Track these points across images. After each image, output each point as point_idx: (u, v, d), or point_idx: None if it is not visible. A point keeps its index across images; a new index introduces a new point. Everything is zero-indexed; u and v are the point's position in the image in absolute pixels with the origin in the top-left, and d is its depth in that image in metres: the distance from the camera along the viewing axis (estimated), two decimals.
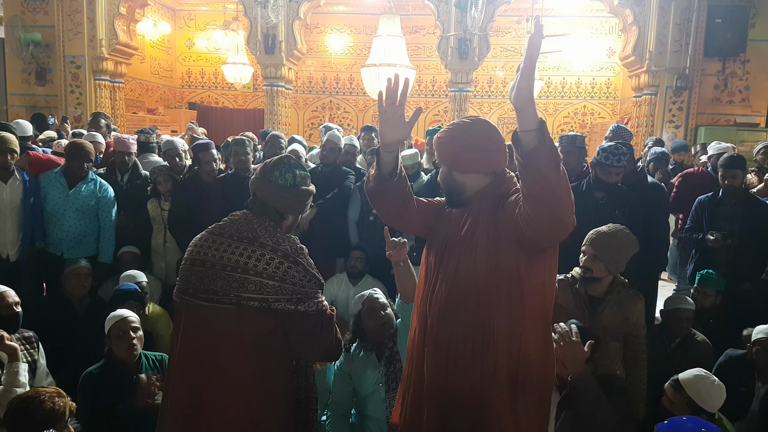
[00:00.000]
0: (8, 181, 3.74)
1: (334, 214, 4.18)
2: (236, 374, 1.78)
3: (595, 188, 3.28)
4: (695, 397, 2.31)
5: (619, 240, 2.56)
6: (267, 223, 1.86)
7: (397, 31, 6.68)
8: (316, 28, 11.85)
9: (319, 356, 2.02)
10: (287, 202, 1.89)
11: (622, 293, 2.62)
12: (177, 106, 12.30)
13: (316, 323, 1.84)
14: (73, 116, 8.44)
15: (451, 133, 1.74)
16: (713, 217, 3.82)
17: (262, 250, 1.78)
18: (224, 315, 1.76)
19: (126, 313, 2.67)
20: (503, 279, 1.60)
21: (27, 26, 8.35)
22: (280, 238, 1.83)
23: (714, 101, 8.13)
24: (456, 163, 1.73)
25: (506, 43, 11.63)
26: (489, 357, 1.62)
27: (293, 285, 1.78)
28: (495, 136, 1.72)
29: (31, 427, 1.79)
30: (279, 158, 1.95)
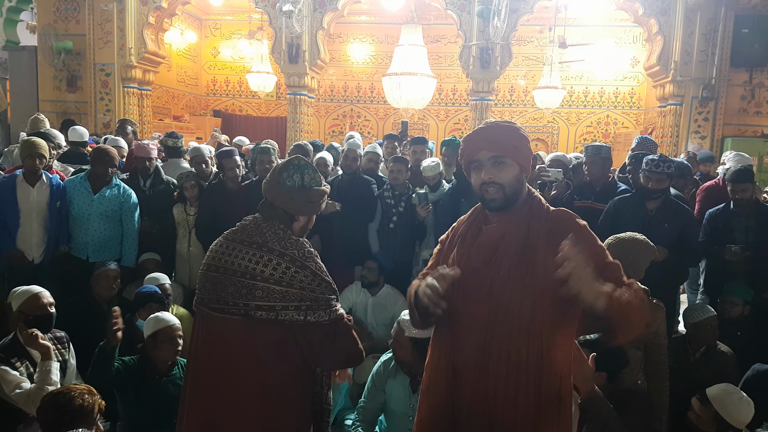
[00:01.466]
0: (36, 185, 3.85)
1: (355, 222, 4.21)
2: (251, 384, 1.78)
3: (645, 198, 3.36)
4: (723, 412, 2.28)
5: (636, 245, 2.60)
6: (276, 226, 1.85)
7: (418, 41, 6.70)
8: (339, 38, 11.97)
9: (334, 366, 2.01)
10: (296, 203, 1.88)
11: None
12: (202, 113, 12.51)
13: (328, 333, 1.81)
14: (102, 123, 8.65)
15: (497, 123, 1.68)
16: (727, 229, 3.79)
17: (270, 255, 1.77)
18: (233, 326, 1.77)
19: (173, 320, 2.74)
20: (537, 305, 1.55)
21: (59, 35, 8.59)
22: (289, 242, 1.82)
23: (741, 112, 7.98)
24: (526, 161, 1.64)
25: (528, 52, 11.60)
26: (532, 381, 1.57)
27: (301, 290, 1.76)
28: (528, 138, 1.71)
29: (62, 422, 1.84)
30: (288, 160, 1.95)
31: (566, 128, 11.90)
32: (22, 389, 2.53)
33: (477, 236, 1.69)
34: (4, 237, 3.79)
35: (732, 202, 3.84)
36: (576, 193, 3.84)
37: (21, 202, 3.81)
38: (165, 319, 2.72)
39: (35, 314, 2.75)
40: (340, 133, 12.28)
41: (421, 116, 11.78)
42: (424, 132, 11.76)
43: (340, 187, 4.29)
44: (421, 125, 11.94)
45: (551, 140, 11.92)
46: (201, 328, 1.88)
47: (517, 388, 1.57)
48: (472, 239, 1.69)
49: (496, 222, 1.66)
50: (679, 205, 3.43)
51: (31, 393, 2.50)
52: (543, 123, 11.83)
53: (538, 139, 11.87)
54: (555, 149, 11.35)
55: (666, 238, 3.27)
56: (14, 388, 2.53)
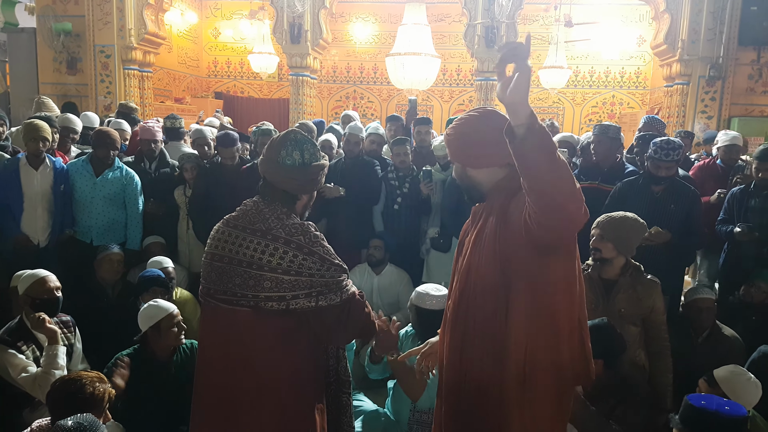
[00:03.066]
0: (39, 169, 3.82)
1: (360, 205, 4.19)
2: (265, 373, 1.75)
3: (652, 182, 3.32)
4: (730, 393, 2.27)
5: (625, 221, 2.64)
6: (279, 210, 1.77)
7: (422, 20, 6.59)
8: (341, 17, 11.81)
9: (348, 341, 2.02)
10: (299, 182, 1.78)
11: (635, 276, 2.67)
12: (203, 95, 12.41)
13: (341, 311, 1.78)
14: (103, 105, 8.59)
15: (458, 129, 1.65)
16: (744, 209, 3.75)
17: (275, 243, 1.70)
18: (243, 317, 1.73)
19: (171, 307, 2.71)
20: (508, 275, 1.54)
21: (58, 16, 8.48)
22: (293, 227, 1.74)
23: (748, 91, 7.87)
24: (467, 159, 1.66)
25: (534, 31, 11.42)
26: (498, 353, 1.58)
27: (311, 277, 1.71)
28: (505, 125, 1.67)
29: (71, 409, 1.84)
30: (284, 135, 1.82)
31: (572, 108, 11.79)
32: (29, 373, 2.54)
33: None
34: (9, 221, 3.78)
35: (753, 182, 3.78)
36: (583, 174, 3.80)
37: (25, 185, 3.79)
38: (162, 307, 2.67)
39: (41, 298, 2.75)
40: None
41: (425, 97, 11.66)
42: (429, 113, 11.66)
43: (343, 170, 4.26)
44: (426, 106, 11.83)
45: (557, 120, 11.80)
46: (210, 318, 1.83)
47: (482, 355, 1.61)
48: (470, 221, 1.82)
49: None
50: (685, 186, 3.41)
51: (38, 377, 2.50)
52: (548, 103, 11.72)
53: (543, 120, 11.76)
54: (561, 130, 11.26)
55: (672, 219, 3.28)
56: (21, 371, 2.54)
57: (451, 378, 1.71)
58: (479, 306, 1.62)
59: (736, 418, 1.77)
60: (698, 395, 1.88)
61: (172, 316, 2.66)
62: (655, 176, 3.29)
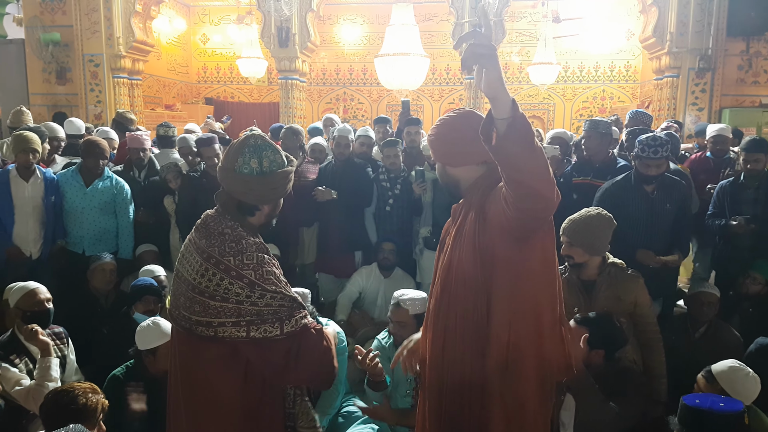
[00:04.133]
0: (30, 180, 3.81)
1: (352, 207, 4.18)
2: (204, 399, 1.66)
3: (643, 181, 3.22)
4: (729, 389, 2.26)
5: (589, 222, 2.57)
6: (224, 224, 1.64)
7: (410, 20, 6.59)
8: (329, 20, 11.81)
9: (301, 382, 1.75)
10: (256, 193, 1.63)
11: (614, 274, 2.62)
12: (194, 101, 12.39)
13: (289, 347, 1.60)
14: (93, 114, 8.56)
15: (439, 129, 1.72)
16: (735, 202, 3.74)
17: (207, 263, 1.59)
18: (182, 338, 1.66)
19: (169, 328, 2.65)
20: (489, 267, 1.58)
21: (46, 26, 8.45)
22: (229, 245, 1.60)
23: (738, 82, 7.91)
24: (447, 158, 1.73)
25: (522, 28, 11.46)
26: (478, 346, 1.61)
27: (238, 304, 1.56)
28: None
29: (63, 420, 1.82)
30: (242, 141, 1.66)
31: (562, 104, 11.81)
32: (22, 386, 2.53)
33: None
34: (0, 233, 3.76)
35: (742, 174, 3.77)
36: (575, 170, 3.80)
37: (16, 197, 3.78)
38: (163, 333, 2.54)
39: (32, 310, 2.74)
40: None
41: (416, 97, 11.67)
42: (419, 113, 11.67)
43: (334, 173, 4.25)
44: (416, 106, 11.84)
45: (547, 117, 11.84)
46: (173, 338, 1.79)
47: (464, 349, 1.63)
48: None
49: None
50: (673, 180, 3.35)
51: (31, 390, 2.49)
52: (539, 100, 11.74)
53: (534, 116, 11.79)
54: (551, 126, 11.29)
55: (670, 217, 3.24)
56: (14, 385, 2.53)
57: (434, 374, 1.73)
58: (460, 300, 1.64)
59: (731, 413, 1.78)
60: (693, 395, 1.88)
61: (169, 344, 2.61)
62: (645, 175, 3.18)
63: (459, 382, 1.66)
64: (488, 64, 1.31)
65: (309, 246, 4.46)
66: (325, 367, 1.70)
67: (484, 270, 1.59)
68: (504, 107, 1.32)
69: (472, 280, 1.61)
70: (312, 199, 4.10)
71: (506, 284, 1.58)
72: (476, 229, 1.60)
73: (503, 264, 1.57)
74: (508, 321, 1.59)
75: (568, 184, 3.70)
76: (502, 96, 1.32)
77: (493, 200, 1.55)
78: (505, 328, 1.59)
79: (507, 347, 1.59)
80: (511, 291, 1.58)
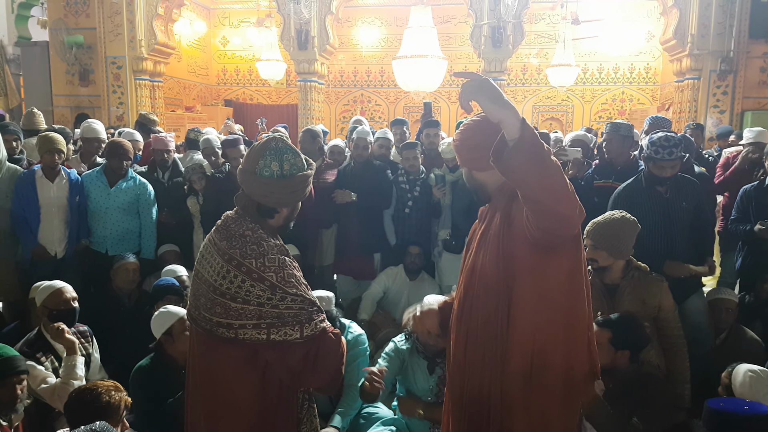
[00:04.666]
0: (55, 180, 3.88)
1: (372, 209, 4.19)
2: (223, 400, 1.67)
3: (656, 183, 3.12)
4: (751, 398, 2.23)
5: (614, 225, 2.57)
6: (245, 226, 1.65)
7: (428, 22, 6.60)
8: (347, 22, 11.86)
9: (318, 384, 1.75)
10: (276, 196, 1.64)
11: (638, 278, 2.62)
12: (213, 103, 12.52)
13: (307, 351, 1.61)
14: (116, 115, 8.70)
15: (463, 134, 1.72)
16: (760, 206, 3.68)
17: (229, 265, 1.59)
18: (202, 339, 1.68)
19: (181, 311, 2.70)
20: (512, 273, 1.58)
21: (70, 29, 8.62)
22: (251, 248, 1.61)
23: (760, 84, 7.78)
24: (473, 162, 1.73)
25: (540, 29, 11.39)
26: (499, 352, 1.60)
27: (259, 306, 1.57)
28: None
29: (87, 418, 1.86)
30: (263, 143, 1.67)
31: (581, 106, 11.72)
32: (48, 384, 2.57)
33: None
34: (26, 233, 3.84)
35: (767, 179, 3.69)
36: (597, 173, 3.78)
37: (41, 197, 3.85)
38: (173, 313, 2.67)
39: (58, 309, 2.79)
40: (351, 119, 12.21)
41: (433, 99, 11.65)
42: (436, 115, 11.65)
43: (353, 175, 4.27)
44: (433, 108, 11.83)
45: (566, 119, 11.75)
46: (191, 337, 1.81)
47: (483, 353, 1.62)
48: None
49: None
50: (686, 178, 3.22)
51: (57, 388, 2.53)
52: (557, 102, 11.66)
53: (552, 118, 11.72)
54: (570, 128, 11.20)
55: (686, 217, 3.17)
56: (40, 383, 2.57)
57: (457, 376, 1.74)
58: (482, 305, 1.65)
59: (757, 416, 1.78)
60: (718, 399, 1.89)
61: (183, 321, 2.65)
62: (659, 177, 3.06)
63: (478, 387, 1.66)
64: (478, 97, 1.34)
65: (327, 248, 4.48)
66: (337, 372, 1.71)
67: (507, 275, 1.58)
68: (512, 129, 1.34)
69: (494, 284, 1.61)
70: (331, 201, 4.12)
71: (530, 291, 1.57)
72: (501, 234, 1.61)
73: (527, 271, 1.56)
74: (532, 329, 1.57)
75: (590, 187, 3.67)
76: (508, 119, 1.33)
77: (518, 207, 1.54)
78: (529, 336, 1.57)
79: (531, 356, 1.58)
80: (535, 299, 1.57)
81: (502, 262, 1.59)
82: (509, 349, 1.59)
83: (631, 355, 2.34)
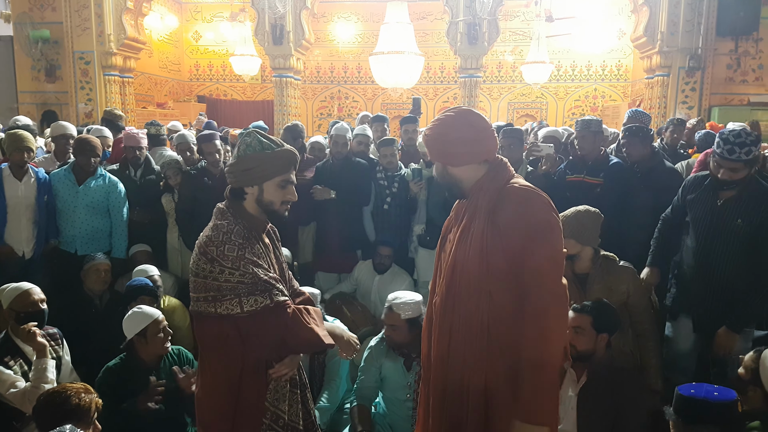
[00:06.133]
0: (23, 179, 3.77)
1: (351, 206, 4.17)
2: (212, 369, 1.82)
3: (717, 186, 2.66)
4: None
5: (578, 216, 2.69)
6: (218, 208, 1.85)
7: (404, 18, 6.60)
8: (323, 17, 11.78)
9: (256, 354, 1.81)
10: (235, 175, 1.80)
11: (606, 266, 2.71)
12: (186, 99, 12.32)
13: (251, 326, 1.73)
14: (84, 112, 8.49)
15: (436, 129, 1.72)
16: None
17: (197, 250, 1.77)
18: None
19: (156, 312, 2.68)
20: (496, 272, 1.61)
21: (35, 23, 8.37)
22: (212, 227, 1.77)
23: (727, 81, 8.01)
24: (447, 158, 1.72)
25: (515, 27, 11.50)
26: (484, 345, 1.63)
27: (204, 279, 1.72)
28: (480, 123, 1.71)
29: (56, 421, 1.82)
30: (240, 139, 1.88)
31: (555, 103, 11.88)
32: (17, 388, 2.49)
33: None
34: None
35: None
36: (569, 168, 3.83)
37: (9, 196, 3.73)
38: (148, 314, 2.64)
39: (26, 311, 2.70)
40: (328, 116, 12.18)
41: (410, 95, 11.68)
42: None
43: (332, 172, 4.24)
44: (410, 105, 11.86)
45: (540, 115, 11.89)
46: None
47: (465, 349, 1.65)
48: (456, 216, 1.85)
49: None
50: (759, 193, 2.58)
51: (27, 391, 2.46)
52: (532, 98, 11.80)
53: (527, 115, 11.84)
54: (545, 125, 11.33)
55: (737, 237, 2.58)
56: (9, 387, 2.49)
57: (439, 372, 1.74)
58: (464, 301, 1.66)
59: (725, 402, 1.81)
60: (688, 385, 1.90)
61: (157, 322, 2.62)
62: (719, 179, 2.59)
63: (460, 383, 1.67)
64: None
65: (305, 246, 4.45)
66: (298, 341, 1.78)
67: (488, 274, 1.61)
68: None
69: (476, 281, 1.62)
70: (310, 198, 4.09)
71: (514, 289, 1.60)
72: (485, 233, 1.62)
73: (508, 272, 1.60)
74: (514, 322, 1.60)
75: (562, 182, 3.72)
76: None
77: (504, 209, 1.59)
78: (511, 328, 1.60)
79: (515, 347, 1.60)
80: (519, 294, 1.60)
81: (485, 261, 1.61)
82: (494, 342, 1.63)
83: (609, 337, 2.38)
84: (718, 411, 1.81)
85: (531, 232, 1.58)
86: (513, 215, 1.58)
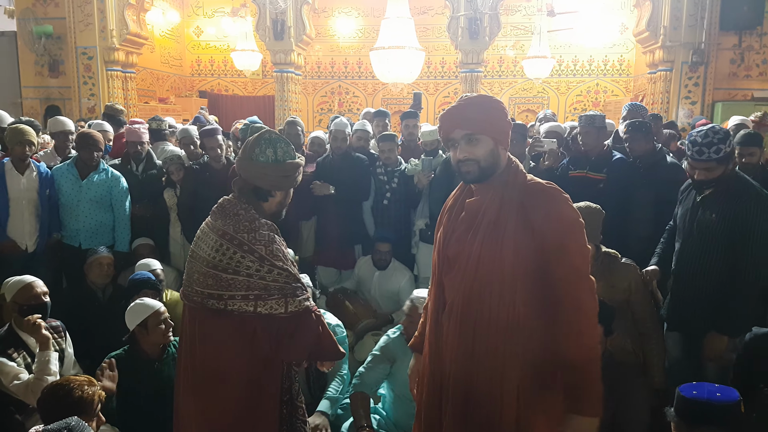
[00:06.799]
0: (25, 173, 3.79)
1: (351, 201, 4.18)
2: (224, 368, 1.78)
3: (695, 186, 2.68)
4: None
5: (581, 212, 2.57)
6: (240, 206, 1.79)
7: (405, 13, 6.56)
8: (324, 12, 11.76)
9: (290, 358, 1.89)
10: (270, 179, 1.80)
11: (608, 263, 2.69)
12: (188, 94, 12.31)
13: (287, 328, 1.74)
14: (87, 107, 8.50)
15: (472, 99, 1.71)
16: None
17: (222, 239, 1.72)
18: (194, 314, 1.79)
19: (157, 304, 2.71)
20: (530, 270, 1.61)
21: (38, 19, 8.39)
22: (243, 224, 1.74)
23: (731, 76, 7.96)
24: (468, 123, 1.65)
25: (516, 21, 11.45)
26: (514, 341, 1.62)
27: (248, 277, 1.69)
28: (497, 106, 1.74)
29: (60, 414, 1.83)
30: (259, 135, 1.85)
31: (556, 98, 11.83)
32: (21, 380, 2.52)
33: (462, 209, 1.76)
34: None
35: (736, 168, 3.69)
36: (571, 163, 3.83)
37: (11, 190, 3.76)
38: (148, 305, 2.67)
39: (29, 304, 2.72)
40: (328, 111, 12.16)
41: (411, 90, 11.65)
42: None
43: (332, 167, 4.25)
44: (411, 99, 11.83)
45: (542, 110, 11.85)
46: (183, 316, 1.89)
47: (496, 345, 1.63)
48: (458, 212, 1.77)
49: (476, 195, 1.73)
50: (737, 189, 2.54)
51: (30, 384, 2.49)
52: (533, 93, 11.75)
53: (529, 110, 11.80)
54: None
55: (712, 234, 2.54)
56: (12, 379, 2.52)
57: (461, 371, 1.69)
58: (495, 294, 1.63)
59: (728, 403, 1.77)
60: (689, 385, 1.85)
61: (158, 313, 2.65)
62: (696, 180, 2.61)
63: (490, 381, 1.65)
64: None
65: (307, 239, 4.46)
66: (325, 346, 1.85)
67: (522, 271, 1.61)
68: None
69: (509, 277, 1.61)
70: (310, 193, 4.10)
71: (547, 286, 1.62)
72: (516, 233, 1.61)
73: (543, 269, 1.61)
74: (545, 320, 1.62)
75: (565, 178, 3.72)
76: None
77: (537, 208, 1.60)
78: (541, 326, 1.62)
79: (545, 345, 1.62)
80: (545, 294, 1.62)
81: (519, 259, 1.60)
82: (524, 339, 1.63)
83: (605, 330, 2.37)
84: (722, 412, 1.76)
85: (566, 231, 1.61)
86: (548, 215, 1.59)
